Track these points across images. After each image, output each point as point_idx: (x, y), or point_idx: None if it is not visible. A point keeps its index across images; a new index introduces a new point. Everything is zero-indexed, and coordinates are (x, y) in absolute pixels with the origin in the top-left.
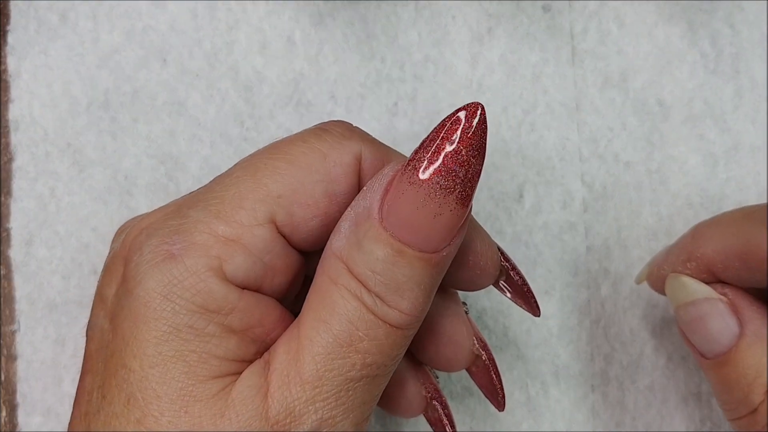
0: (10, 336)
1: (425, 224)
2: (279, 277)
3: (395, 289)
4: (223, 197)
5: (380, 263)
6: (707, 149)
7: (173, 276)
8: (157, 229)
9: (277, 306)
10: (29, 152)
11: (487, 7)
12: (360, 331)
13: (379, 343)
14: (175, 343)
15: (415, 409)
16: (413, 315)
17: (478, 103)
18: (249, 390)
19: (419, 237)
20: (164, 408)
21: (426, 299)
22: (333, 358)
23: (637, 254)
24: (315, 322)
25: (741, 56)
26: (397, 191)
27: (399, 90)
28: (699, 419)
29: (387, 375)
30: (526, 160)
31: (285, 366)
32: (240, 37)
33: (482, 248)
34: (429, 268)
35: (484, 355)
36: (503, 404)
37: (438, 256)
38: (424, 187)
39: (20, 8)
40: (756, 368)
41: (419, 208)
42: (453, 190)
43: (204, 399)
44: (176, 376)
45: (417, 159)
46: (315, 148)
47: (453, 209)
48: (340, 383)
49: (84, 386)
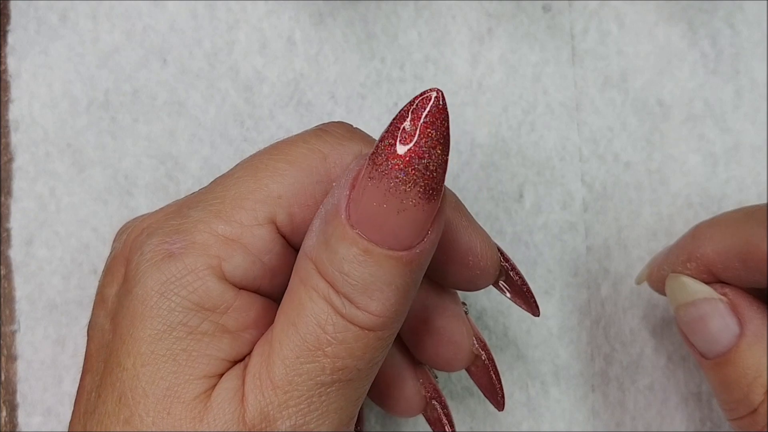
0: (10, 336)
1: (390, 221)
2: (278, 278)
3: (363, 289)
4: (223, 197)
5: (347, 263)
6: (707, 149)
7: (171, 274)
8: (158, 228)
9: (275, 308)
10: (29, 152)
11: (487, 7)
12: (328, 335)
13: (349, 346)
14: (168, 341)
15: (414, 408)
16: (385, 316)
17: (434, 89)
18: (227, 393)
19: (386, 234)
20: (150, 408)
21: (400, 299)
22: (302, 362)
23: (637, 254)
24: (285, 325)
25: (741, 56)
26: (360, 186)
27: (399, 90)
28: (699, 419)
29: (365, 379)
30: (526, 160)
31: (258, 369)
32: (240, 37)
33: (482, 249)
34: (400, 267)
35: (483, 355)
36: (503, 404)
37: (410, 254)
38: (384, 181)
39: (20, 8)
40: (756, 368)
41: (382, 204)
42: (415, 184)
43: (186, 400)
44: (164, 375)
45: (376, 152)
46: (315, 149)
47: (417, 203)
48: (310, 387)
49: (84, 386)
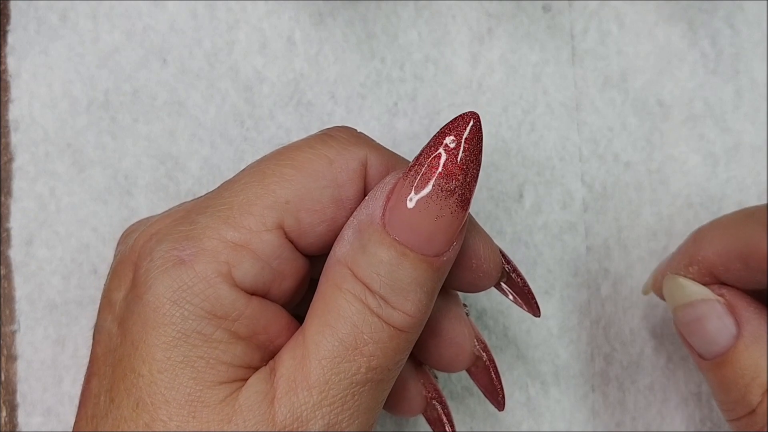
0: (10, 336)
1: (427, 227)
2: (286, 282)
3: (399, 290)
4: (231, 203)
5: (384, 265)
6: (707, 149)
7: (183, 282)
8: (167, 234)
9: (283, 313)
10: (29, 152)
11: (487, 7)
12: (365, 334)
13: (384, 346)
14: (183, 348)
15: (415, 409)
16: (416, 317)
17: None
18: (256, 396)
19: (421, 239)
20: (173, 413)
21: (428, 302)
22: (339, 362)
23: (637, 254)
24: (320, 327)
25: (741, 56)
26: (400, 196)
27: (399, 90)
28: (699, 419)
29: (390, 380)
30: (526, 160)
31: (291, 371)
32: (240, 36)
33: (485, 251)
34: (431, 271)
35: (484, 356)
36: (503, 404)
37: (439, 261)
38: (425, 189)
39: (20, 8)
40: (754, 369)
41: (422, 211)
42: (453, 193)
43: (212, 404)
44: (184, 381)
45: (419, 164)
46: (321, 154)
47: (453, 211)
48: (345, 387)
49: (90, 389)
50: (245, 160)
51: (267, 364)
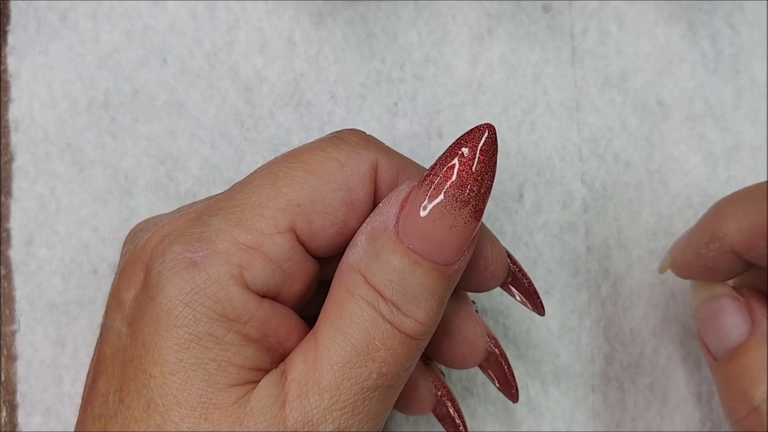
0: (10, 336)
1: (440, 236)
2: (296, 284)
3: (411, 298)
4: (243, 205)
5: (397, 272)
6: (707, 149)
7: (195, 284)
8: (179, 236)
9: (292, 315)
10: (29, 152)
11: (487, 7)
12: (377, 341)
13: (395, 352)
14: (195, 350)
15: (425, 407)
16: (427, 325)
17: (488, 123)
18: (267, 399)
19: (434, 248)
20: (185, 414)
21: (439, 310)
22: (351, 367)
23: (637, 254)
24: (333, 332)
25: (741, 56)
26: (414, 205)
27: (399, 90)
28: (699, 419)
29: (400, 386)
30: (526, 160)
31: (303, 375)
32: (240, 36)
33: (492, 253)
34: (443, 280)
35: (496, 351)
36: (517, 396)
37: (451, 269)
38: (440, 198)
39: (20, 8)
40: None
41: (435, 220)
42: (467, 203)
43: (223, 407)
44: (196, 383)
45: (434, 173)
46: (332, 157)
47: (467, 221)
48: (357, 392)
49: (97, 387)
50: (245, 160)
51: (277, 366)
